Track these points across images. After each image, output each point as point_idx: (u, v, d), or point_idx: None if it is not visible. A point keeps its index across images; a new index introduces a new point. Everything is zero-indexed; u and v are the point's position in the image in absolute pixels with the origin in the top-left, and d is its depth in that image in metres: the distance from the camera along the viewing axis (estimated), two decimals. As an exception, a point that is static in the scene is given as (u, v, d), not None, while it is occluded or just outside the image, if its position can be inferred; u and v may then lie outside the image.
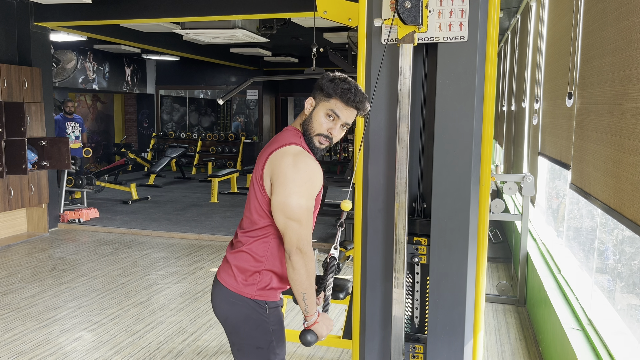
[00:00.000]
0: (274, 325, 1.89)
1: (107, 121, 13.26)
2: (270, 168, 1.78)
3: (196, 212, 8.16)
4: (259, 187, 1.82)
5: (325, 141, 1.84)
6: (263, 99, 13.12)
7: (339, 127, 1.84)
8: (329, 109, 1.81)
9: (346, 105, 1.80)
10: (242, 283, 1.86)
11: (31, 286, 4.80)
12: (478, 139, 2.01)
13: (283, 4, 5.65)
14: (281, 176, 1.74)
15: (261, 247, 1.86)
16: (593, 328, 2.74)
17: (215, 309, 1.95)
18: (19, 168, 6.17)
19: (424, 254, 2.16)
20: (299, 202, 1.72)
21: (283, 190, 1.73)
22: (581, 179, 2.59)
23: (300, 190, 1.73)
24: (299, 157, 1.76)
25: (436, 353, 2.12)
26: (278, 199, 1.74)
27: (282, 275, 1.91)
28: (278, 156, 1.78)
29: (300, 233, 1.73)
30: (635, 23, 1.83)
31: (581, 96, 2.70)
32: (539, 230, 4.85)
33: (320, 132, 1.83)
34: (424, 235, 2.16)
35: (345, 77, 1.83)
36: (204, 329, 3.91)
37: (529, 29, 5.13)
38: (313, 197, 1.78)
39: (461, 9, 1.96)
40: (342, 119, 1.82)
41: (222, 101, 5.99)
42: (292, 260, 1.75)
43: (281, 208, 1.74)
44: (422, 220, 2.16)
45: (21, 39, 6.62)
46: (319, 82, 1.84)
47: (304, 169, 1.74)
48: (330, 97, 1.81)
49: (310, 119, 1.85)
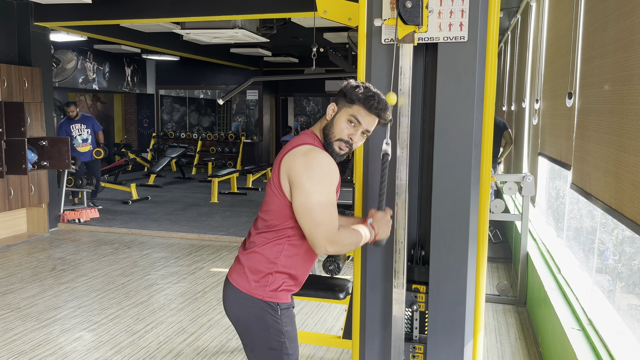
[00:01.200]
0: (286, 327, 1.89)
1: (107, 121, 13.27)
2: (286, 170, 1.79)
3: (196, 212, 8.16)
4: (277, 189, 1.83)
5: (345, 147, 1.85)
6: (263, 99, 13.12)
7: (359, 134, 1.85)
8: (351, 114, 1.82)
9: (368, 112, 1.82)
10: (254, 284, 1.87)
11: (31, 286, 4.80)
12: (478, 139, 2.01)
13: (283, 4, 5.65)
14: (297, 178, 1.75)
15: (275, 249, 1.86)
16: (593, 328, 2.74)
17: (227, 310, 1.95)
18: (19, 168, 6.17)
19: (423, 301, 2.14)
20: (319, 200, 1.73)
21: (302, 192, 1.74)
22: (582, 179, 2.59)
23: (319, 188, 1.74)
24: (310, 154, 1.77)
25: (436, 353, 2.12)
26: (298, 201, 1.75)
27: (295, 277, 1.92)
28: (291, 157, 1.79)
29: (327, 232, 1.75)
30: (636, 23, 1.83)
31: (582, 96, 2.70)
32: (539, 230, 4.85)
33: (341, 137, 1.84)
34: (422, 282, 2.14)
35: (369, 85, 1.85)
36: (204, 329, 3.91)
37: (529, 29, 5.13)
38: (333, 190, 1.79)
39: (461, 9, 1.96)
40: (364, 126, 1.84)
41: (222, 101, 5.99)
42: (330, 252, 1.77)
43: (303, 210, 1.75)
44: (421, 268, 2.14)
45: (21, 39, 6.62)
46: (342, 89, 1.86)
47: (317, 165, 1.75)
48: (353, 104, 1.82)
49: (331, 124, 1.86)
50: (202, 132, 13.42)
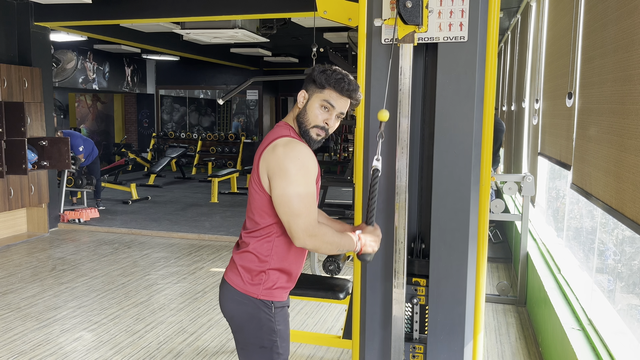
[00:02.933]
0: (279, 325, 1.89)
1: (107, 121, 13.27)
2: (265, 165, 1.79)
3: (196, 212, 8.16)
4: (257, 186, 1.83)
5: (322, 132, 1.85)
6: (263, 99, 13.12)
7: (334, 117, 1.85)
8: (323, 99, 1.82)
9: (340, 95, 1.82)
10: (248, 283, 1.87)
11: (31, 286, 4.80)
12: (478, 139, 2.01)
13: (283, 4, 5.65)
14: (276, 170, 1.75)
15: (265, 246, 1.86)
16: (593, 328, 2.74)
17: (222, 308, 1.96)
18: (19, 168, 6.17)
19: (423, 294, 2.14)
20: (297, 191, 1.73)
21: (280, 184, 1.74)
22: (582, 179, 2.58)
23: (297, 179, 1.73)
24: (287, 146, 1.77)
25: (436, 353, 2.12)
26: (277, 193, 1.75)
27: (289, 274, 1.91)
28: (269, 151, 1.79)
29: (306, 224, 1.74)
30: (636, 23, 1.83)
31: (582, 96, 2.70)
32: (539, 230, 4.85)
33: (316, 123, 1.84)
34: (422, 276, 2.14)
35: (337, 68, 1.84)
36: (204, 329, 3.91)
37: (529, 29, 5.13)
38: (312, 182, 1.78)
39: (461, 9, 1.96)
40: (337, 109, 1.84)
41: (222, 101, 5.99)
42: (308, 246, 1.77)
43: (281, 202, 1.74)
44: (421, 261, 2.15)
45: (21, 39, 6.61)
46: (310, 74, 1.85)
47: (295, 156, 1.75)
48: (324, 88, 1.82)
49: (304, 111, 1.85)
50: (202, 132, 13.42)
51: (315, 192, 1.80)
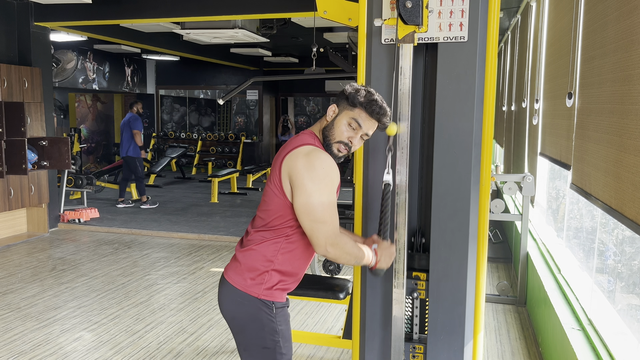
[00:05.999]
0: (280, 326, 1.89)
1: (107, 121, 13.26)
2: (287, 171, 1.79)
3: (196, 212, 8.16)
4: (277, 190, 1.83)
5: (344, 149, 1.86)
6: (263, 99, 13.12)
7: (359, 137, 1.86)
8: (352, 117, 1.83)
9: (369, 117, 1.83)
10: (250, 282, 1.87)
11: (31, 286, 4.80)
12: (478, 139, 2.01)
13: (283, 4, 5.65)
14: (299, 178, 1.76)
15: (272, 247, 1.87)
16: (593, 328, 2.74)
17: (222, 308, 1.95)
18: (19, 168, 6.17)
19: (423, 289, 2.15)
20: (320, 200, 1.74)
21: (303, 192, 1.75)
22: (582, 179, 2.58)
23: (320, 188, 1.75)
24: (311, 155, 1.78)
25: (436, 353, 2.12)
26: (300, 201, 1.76)
27: (291, 275, 1.92)
28: (293, 158, 1.79)
29: (329, 232, 1.76)
30: (636, 23, 1.83)
31: (582, 96, 2.70)
32: (539, 230, 4.85)
33: (341, 139, 1.85)
34: (423, 270, 2.15)
35: (371, 90, 1.86)
36: (204, 329, 3.91)
37: (529, 29, 5.13)
38: (334, 191, 1.80)
39: (461, 9, 1.96)
40: (364, 130, 1.85)
41: (222, 101, 5.99)
42: (329, 255, 1.78)
43: (304, 210, 1.76)
44: (422, 255, 2.16)
45: (21, 39, 6.61)
46: (344, 91, 1.86)
47: (319, 166, 1.76)
48: (355, 107, 1.83)
49: (331, 125, 1.87)
50: (202, 132, 13.42)
51: (336, 200, 1.82)
